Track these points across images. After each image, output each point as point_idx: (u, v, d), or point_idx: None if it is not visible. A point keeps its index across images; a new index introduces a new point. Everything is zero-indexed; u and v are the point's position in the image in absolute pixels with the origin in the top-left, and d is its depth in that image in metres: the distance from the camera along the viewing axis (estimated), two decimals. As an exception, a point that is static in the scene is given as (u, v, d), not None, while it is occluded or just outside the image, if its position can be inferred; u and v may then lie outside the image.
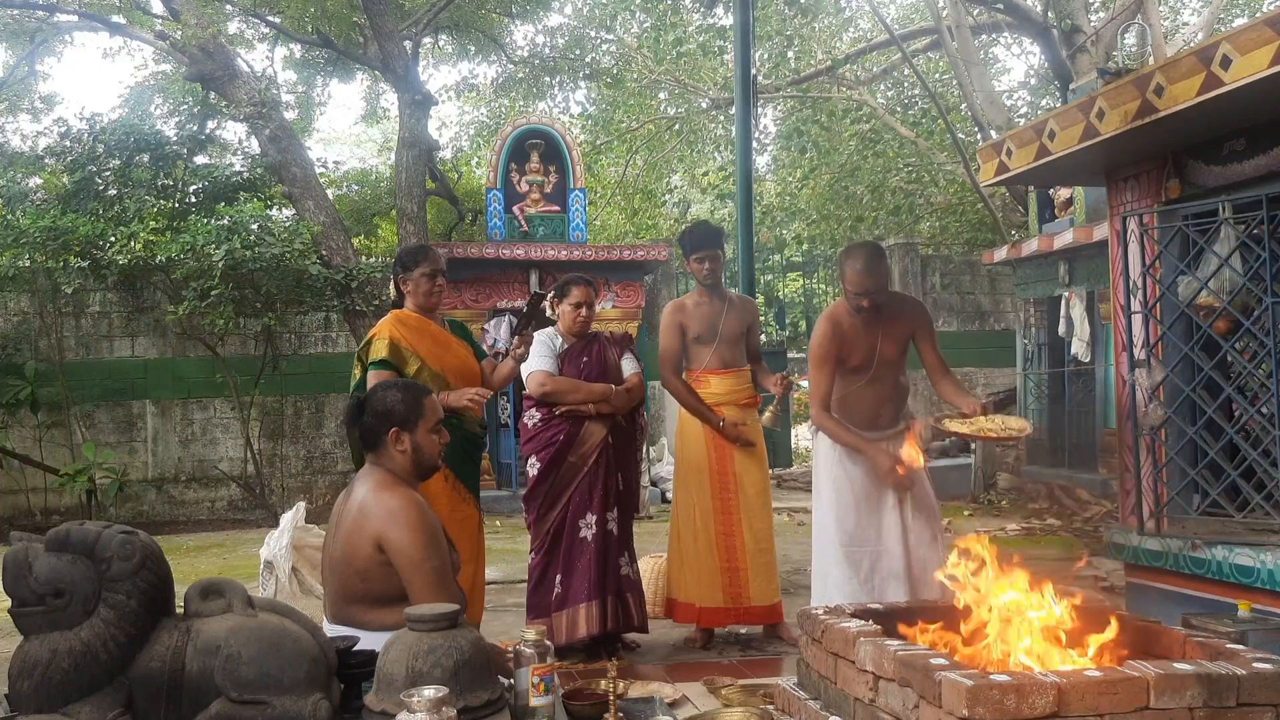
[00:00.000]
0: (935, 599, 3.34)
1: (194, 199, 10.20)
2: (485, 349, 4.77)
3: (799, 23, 14.75)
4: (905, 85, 15.58)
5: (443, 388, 3.69)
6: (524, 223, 10.29)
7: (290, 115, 12.13)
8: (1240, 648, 2.50)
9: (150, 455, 10.47)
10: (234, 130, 11.56)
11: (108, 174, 9.73)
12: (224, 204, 9.96)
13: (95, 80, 36.76)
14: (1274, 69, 3.16)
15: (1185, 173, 4.12)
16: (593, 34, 15.35)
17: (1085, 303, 9.39)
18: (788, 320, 17.31)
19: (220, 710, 2.14)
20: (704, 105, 15.72)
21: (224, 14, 11.27)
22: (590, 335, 4.57)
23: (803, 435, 14.11)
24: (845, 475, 4.10)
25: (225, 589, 2.34)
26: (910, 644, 2.59)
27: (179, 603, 2.34)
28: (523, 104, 14.34)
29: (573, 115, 16.17)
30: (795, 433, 13.94)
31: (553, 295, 4.52)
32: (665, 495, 10.03)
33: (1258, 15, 4.07)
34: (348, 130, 23.62)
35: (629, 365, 4.58)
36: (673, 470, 5.20)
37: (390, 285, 4.08)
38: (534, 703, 2.45)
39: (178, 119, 11.15)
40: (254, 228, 9.41)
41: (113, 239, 9.22)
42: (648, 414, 6.39)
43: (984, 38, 14.50)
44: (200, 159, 10.65)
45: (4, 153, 10.91)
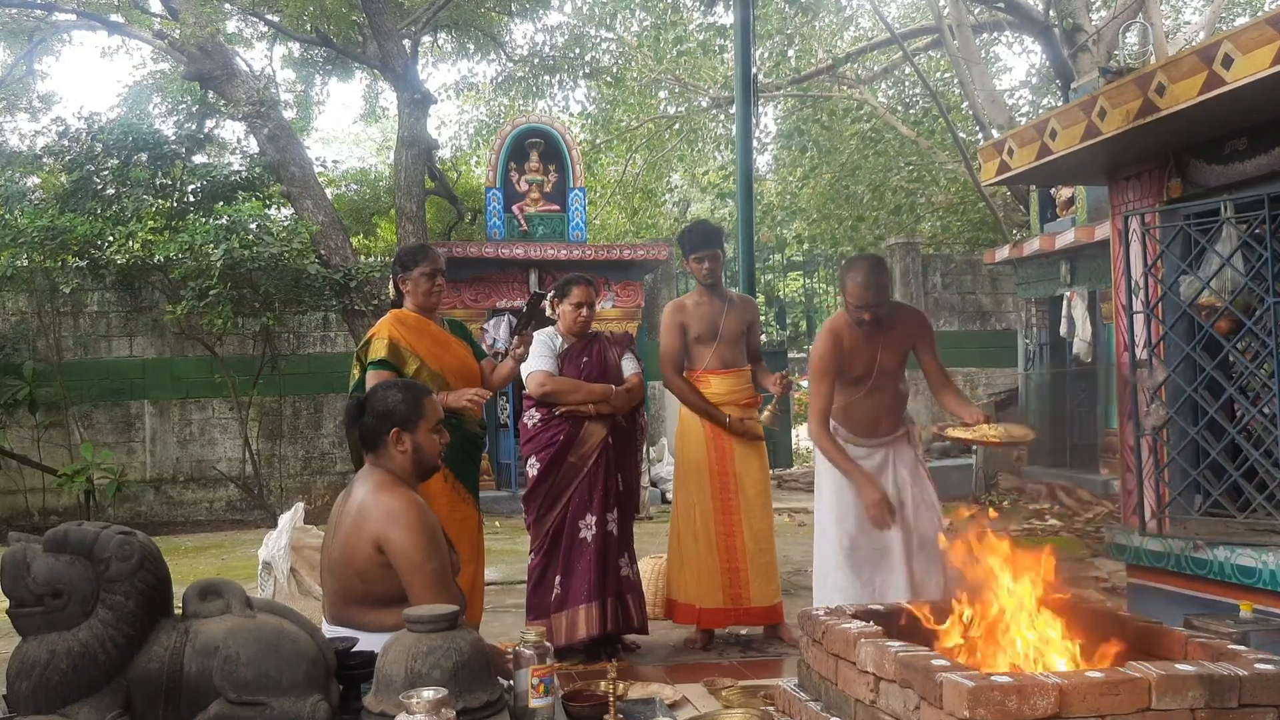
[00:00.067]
0: (936, 599, 3.33)
1: (192, 198, 10.18)
2: (485, 349, 4.76)
3: (799, 21, 14.73)
4: (906, 84, 15.58)
5: (442, 388, 3.68)
6: (523, 222, 10.28)
7: (289, 114, 12.11)
8: (1242, 649, 2.49)
9: (148, 455, 10.46)
10: (232, 129, 11.58)
11: (106, 173, 9.72)
12: (222, 203, 9.95)
13: (93, 79, 36.81)
14: (1276, 68, 3.15)
15: (1187, 172, 4.11)
16: (592, 32, 15.33)
17: (1087, 302, 9.38)
18: (788, 320, 17.31)
19: (219, 711, 2.14)
20: (704, 104, 15.70)
21: (222, 13, 11.25)
22: (591, 335, 4.56)
23: (803, 435, 14.11)
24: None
25: (224, 590, 2.33)
26: (911, 645, 2.58)
27: (177, 603, 2.34)
28: (522, 103, 14.32)
29: (572, 114, 16.17)
30: (795, 433, 13.93)
31: (553, 295, 4.51)
32: (665, 496, 10.02)
33: (1259, 14, 4.06)
34: (346, 129, 23.67)
35: (629, 365, 4.57)
36: (673, 471, 5.19)
37: (389, 285, 4.07)
38: (533, 704, 2.44)
39: (176, 118, 11.11)
40: (252, 227, 9.38)
41: (111, 238, 9.20)
42: (648, 414, 6.38)
43: (985, 36, 14.50)
44: (199, 158, 10.63)
45: (2, 152, 10.87)
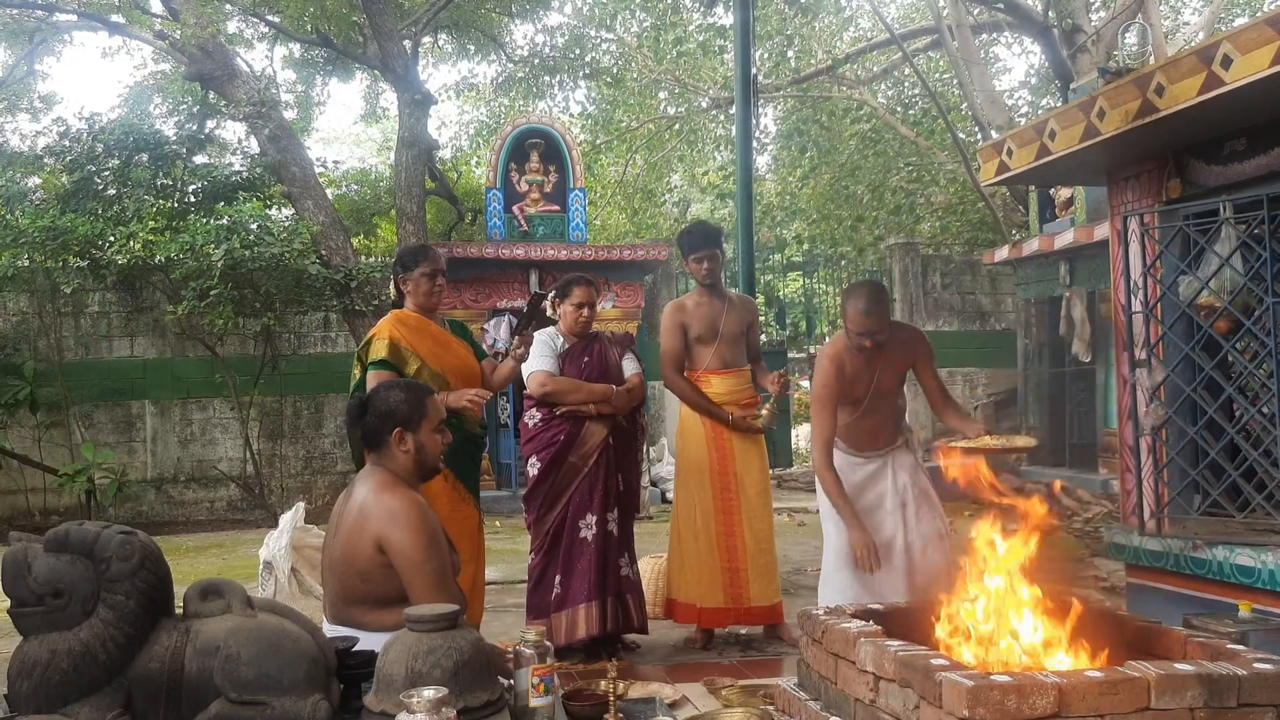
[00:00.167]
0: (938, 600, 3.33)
1: (193, 199, 10.19)
2: (485, 349, 4.76)
3: (799, 22, 14.73)
4: (906, 85, 15.57)
5: (443, 388, 3.68)
6: (524, 222, 10.29)
7: (289, 115, 12.12)
8: (1241, 648, 2.50)
9: (149, 455, 10.46)
10: (233, 130, 11.58)
11: (107, 174, 9.72)
12: (223, 204, 9.96)
13: (94, 80, 36.81)
14: (1275, 69, 3.15)
15: (1186, 172, 4.12)
16: (593, 33, 15.33)
17: (1086, 303, 9.39)
18: (788, 320, 17.30)
19: (219, 711, 2.14)
20: (704, 105, 15.70)
21: (223, 13, 11.26)
22: (591, 335, 4.56)
23: (803, 435, 14.11)
24: (846, 481, 4.08)
25: (224, 589, 2.33)
26: (910, 644, 2.59)
27: (178, 603, 2.34)
28: (522, 103, 14.33)
29: (573, 115, 16.17)
30: (795, 433, 13.94)
31: (553, 295, 4.51)
32: (665, 495, 10.02)
33: (1258, 15, 4.06)
34: (347, 130, 23.62)
35: (630, 365, 4.57)
36: (673, 470, 5.19)
37: (390, 285, 4.07)
38: (534, 703, 2.45)
39: (177, 118, 11.13)
40: (253, 227, 9.39)
41: (112, 239, 9.21)
42: (648, 414, 6.39)
43: (984, 37, 14.50)
44: (199, 158, 10.63)
45: (3, 152, 10.88)
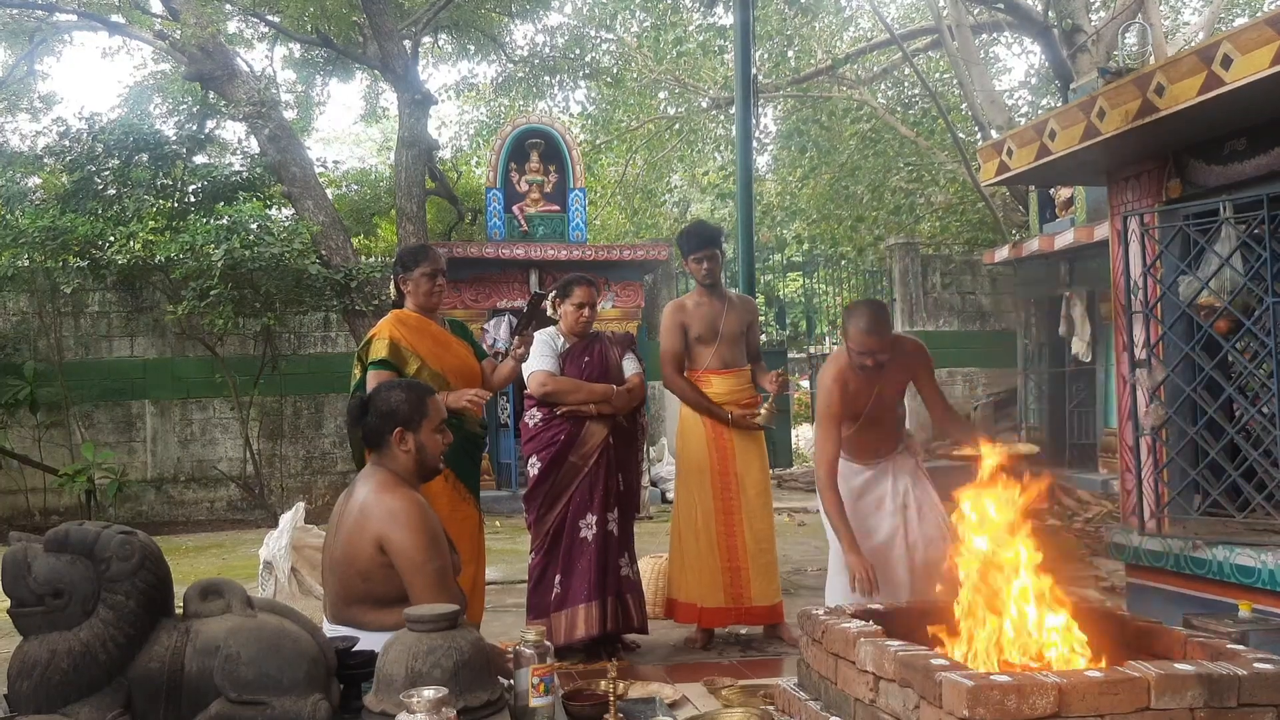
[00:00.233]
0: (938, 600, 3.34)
1: (193, 199, 10.19)
2: (485, 349, 4.77)
3: (799, 22, 14.73)
4: (905, 85, 15.56)
5: (443, 388, 3.68)
6: (524, 222, 10.29)
7: (289, 115, 12.13)
8: (1241, 648, 2.50)
9: (149, 455, 10.46)
10: (233, 130, 11.59)
11: (107, 174, 9.72)
12: (223, 204, 9.96)
13: (94, 80, 36.83)
14: (1275, 68, 3.15)
15: (1186, 172, 4.12)
16: (593, 33, 15.33)
17: (1086, 303, 9.39)
18: (788, 320, 17.30)
19: (219, 711, 2.14)
20: (704, 105, 15.70)
21: (223, 13, 11.26)
22: (592, 335, 4.56)
23: (803, 435, 14.11)
24: (845, 486, 4.08)
25: (224, 589, 2.33)
26: (910, 644, 2.59)
27: (178, 603, 2.34)
28: (522, 103, 14.33)
29: (573, 115, 16.16)
30: (795, 433, 13.93)
31: (554, 295, 4.52)
32: (665, 495, 10.02)
33: (1258, 15, 4.06)
34: (347, 130, 23.61)
35: (630, 365, 4.57)
36: (673, 470, 5.19)
37: (390, 285, 4.07)
38: (534, 703, 2.45)
39: (177, 118, 11.13)
40: (253, 227, 9.39)
41: (112, 239, 9.21)
42: (648, 414, 6.39)
43: (984, 37, 14.49)
44: (199, 158, 10.64)
45: (3, 152, 10.88)
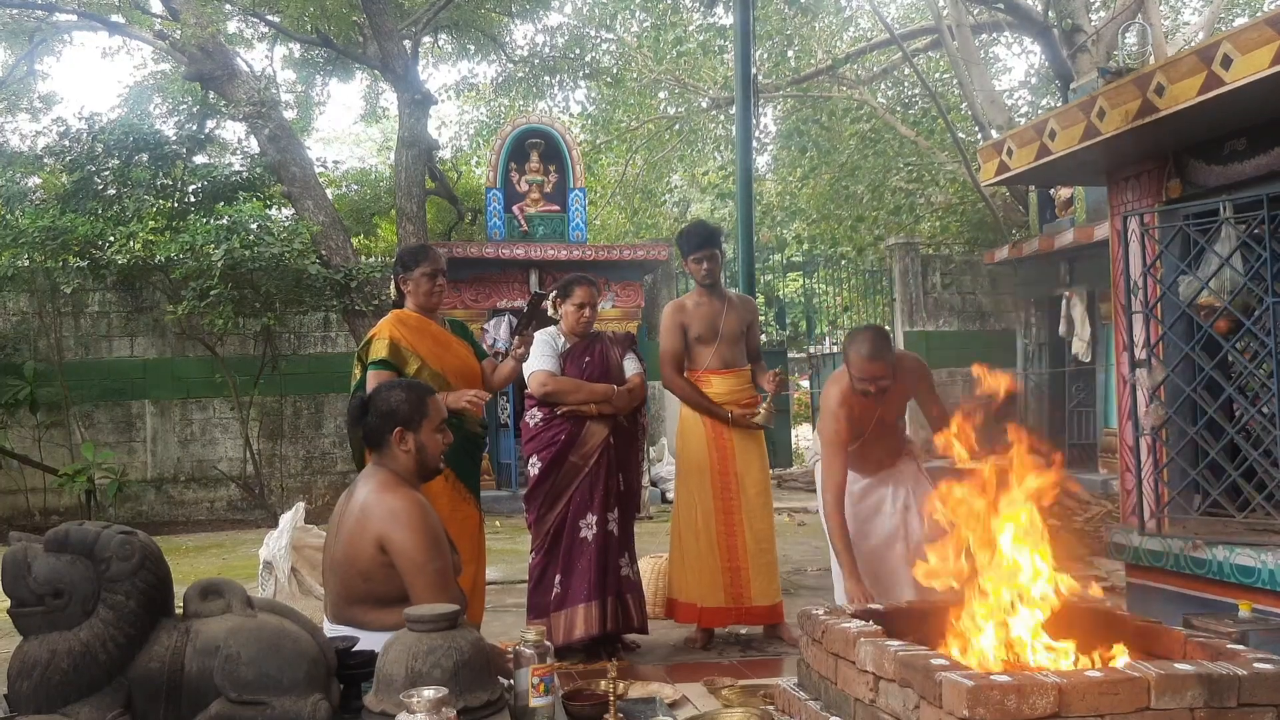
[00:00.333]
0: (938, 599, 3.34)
1: (193, 199, 10.19)
2: (485, 349, 4.77)
3: (799, 22, 14.73)
4: (905, 85, 15.56)
5: (443, 388, 3.68)
6: (524, 222, 10.29)
7: (289, 115, 12.13)
8: (1241, 648, 2.50)
9: (149, 455, 10.46)
10: (233, 130, 11.59)
11: (107, 174, 9.72)
12: (223, 204, 9.96)
13: (94, 80, 36.82)
14: (1275, 68, 3.15)
15: (1186, 172, 4.12)
16: (592, 33, 15.33)
17: (1086, 303, 9.39)
18: (788, 320, 17.32)
19: (219, 711, 2.14)
20: (704, 105, 15.70)
21: (223, 13, 11.26)
22: (593, 335, 4.56)
23: (803, 435, 14.11)
24: (846, 491, 4.08)
25: (224, 589, 2.33)
26: (910, 644, 2.59)
27: (178, 603, 2.34)
28: (522, 103, 14.33)
29: (573, 115, 16.16)
30: (795, 433, 13.93)
31: (554, 295, 4.52)
32: (665, 495, 10.02)
33: (1258, 15, 4.06)
34: (347, 130, 23.63)
35: (631, 365, 4.57)
36: (673, 470, 5.19)
37: (390, 285, 4.07)
38: (534, 703, 2.45)
39: (177, 118, 11.13)
40: (253, 227, 9.40)
41: (112, 239, 9.22)
42: (648, 414, 6.39)
43: (984, 37, 14.49)
44: (199, 158, 10.64)
45: (3, 152, 10.89)
